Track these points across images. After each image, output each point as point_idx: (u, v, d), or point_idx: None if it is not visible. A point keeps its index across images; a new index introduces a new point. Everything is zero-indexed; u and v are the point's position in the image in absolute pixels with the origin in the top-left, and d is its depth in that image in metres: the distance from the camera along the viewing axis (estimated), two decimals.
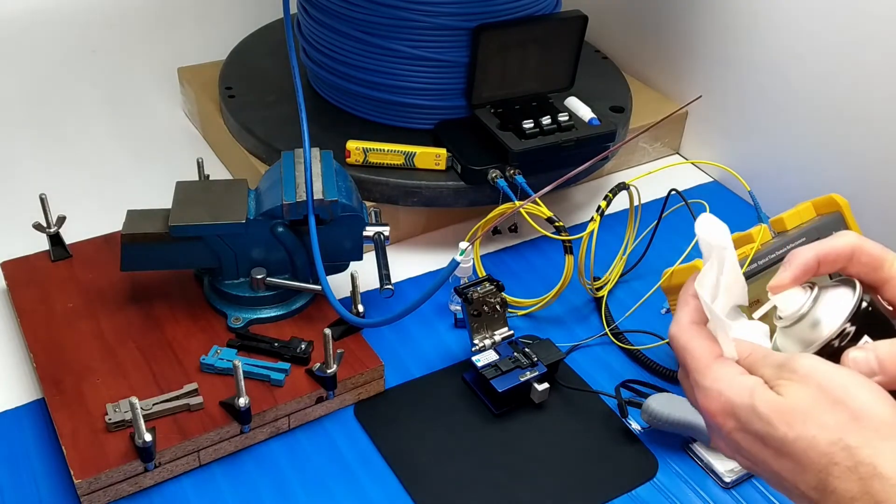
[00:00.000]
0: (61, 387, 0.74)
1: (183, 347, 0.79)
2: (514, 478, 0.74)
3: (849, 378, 0.45)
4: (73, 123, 1.18)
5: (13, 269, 0.86)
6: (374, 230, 0.82)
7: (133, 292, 0.84)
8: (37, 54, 1.27)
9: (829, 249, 0.49)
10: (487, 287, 0.81)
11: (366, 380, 0.79)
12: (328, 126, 1.00)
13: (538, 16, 0.97)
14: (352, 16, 0.94)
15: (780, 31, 1.01)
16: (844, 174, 0.98)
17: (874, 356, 0.46)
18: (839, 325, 0.47)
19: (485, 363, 0.79)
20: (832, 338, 0.47)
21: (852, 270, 0.50)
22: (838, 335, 0.47)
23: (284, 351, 0.78)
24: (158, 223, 0.78)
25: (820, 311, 0.48)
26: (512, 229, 1.00)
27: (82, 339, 0.79)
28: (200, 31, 1.32)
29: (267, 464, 0.74)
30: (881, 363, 0.45)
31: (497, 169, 0.92)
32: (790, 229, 0.80)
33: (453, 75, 0.96)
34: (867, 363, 0.46)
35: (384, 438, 0.77)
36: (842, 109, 0.97)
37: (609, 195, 0.86)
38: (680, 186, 0.92)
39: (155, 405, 0.72)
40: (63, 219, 0.87)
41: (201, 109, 1.15)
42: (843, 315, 0.47)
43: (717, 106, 1.12)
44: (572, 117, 0.96)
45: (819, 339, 0.48)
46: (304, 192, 0.78)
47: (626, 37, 1.23)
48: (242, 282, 0.82)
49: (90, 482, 0.67)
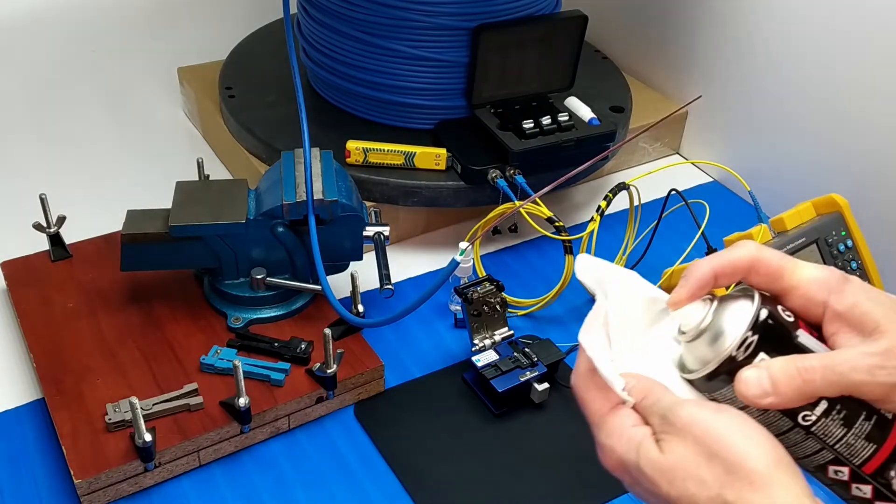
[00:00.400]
0: (61, 387, 0.74)
1: (183, 347, 0.79)
2: (514, 478, 0.74)
3: (727, 426, 0.44)
4: (73, 123, 1.18)
5: (13, 269, 0.86)
6: (374, 230, 0.82)
7: (133, 292, 0.84)
8: (37, 54, 1.27)
9: (727, 262, 0.48)
10: (487, 287, 0.81)
11: (366, 380, 0.79)
12: (328, 126, 1.00)
13: (538, 16, 0.97)
14: (352, 16, 0.94)
15: (781, 31, 1.01)
16: (844, 174, 0.98)
17: (767, 376, 0.44)
18: (739, 337, 0.45)
19: (485, 363, 0.79)
20: (733, 352, 0.46)
21: (753, 281, 0.48)
22: (739, 347, 0.45)
23: (284, 351, 0.78)
24: (158, 223, 0.78)
25: (720, 323, 0.47)
26: (512, 229, 1.00)
27: (82, 339, 0.79)
28: (200, 31, 1.32)
29: (267, 464, 0.74)
30: (774, 383, 0.44)
31: (497, 169, 0.92)
32: (790, 229, 0.80)
33: (453, 75, 0.96)
34: (759, 384, 0.44)
35: (384, 438, 0.77)
36: (842, 109, 0.97)
37: (609, 195, 0.86)
38: (680, 186, 0.92)
39: (155, 405, 0.72)
40: (63, 219, 0.87)
41: (201, 109, 1.15)
42: (742, 326, 0.46)
43: (717, 106, 1.12)
44: (572, 117, 0.96)
45: (720, 353, 0.46)
46: (304, 192, 0.78)
47: (626, 37, 1.23)
48: (242, 282, 0.82)
49: (90, 482, 0.67)
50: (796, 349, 0.46)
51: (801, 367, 0.44)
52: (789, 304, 0.48)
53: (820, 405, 0.45)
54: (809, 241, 0.79)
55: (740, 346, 0.45)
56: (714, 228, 0.86)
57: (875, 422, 0.45)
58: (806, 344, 0.46)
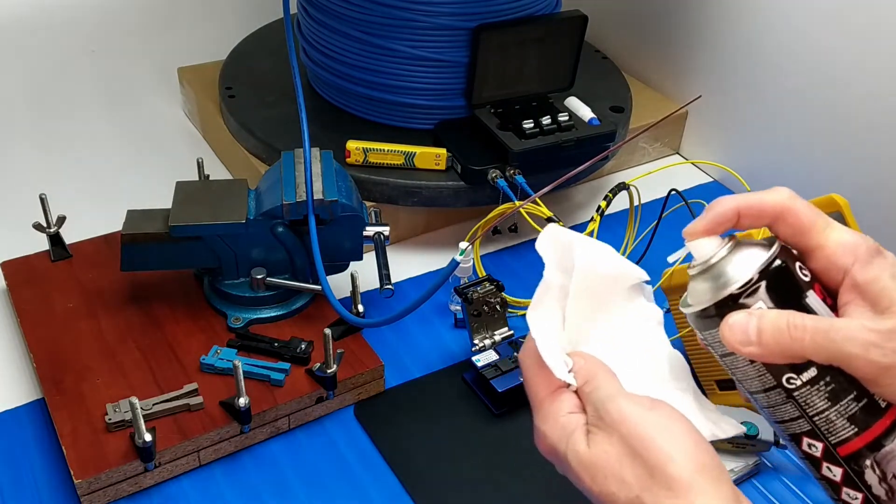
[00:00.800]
0: (61, 387, 0.74)
1: (183, 347, 0.79)
2: (514, 478, 0.74)
3: (654, 426, 0.43)
4: (73, 123, 1.18)
5: (13, 269, 0.86)
6: (374, 230, 0.82)
7: (133, 292, 0.84)
8: (37, 54, 1.27)
9: (754, 202, 0.46)
10: (487, 287, 0.81)
11: (366, 380, 0.79)
12: (328, 126, 1.00)
13: (538, 16, 0.97)
14: (352, 16, 0.94)
15: (781, 31, 1.01)
16: (844, 174, 0.98)
17: (754, 324, 0.43)
18: (745, 278, 0.44)
19: (485, 363, 0.79)
20: (734, 290, 0.44)
21: (779, 231, 0.46)
22: (742, 287, 0.44)
23: (284, 351, 0.78)
24: (158, 223, 0.78)
25: (730, 261, 0.45)
26: (512, 229, 1.00)
27: (82, 339, 0.79)
28: (200, 31, 1.32)
29: (267, 464, 0.74)
30: (760, 333, 0.43)
31: (497, 169, 0.92)
32: None
33: (453, 75, 0.96)
34: (744, 329, 0.43)
35: (384, 438, 0.77)
36: (842, 109, 0.97)
37: (609, 195, 0.86)
38: (680, 186, 0.92)
39: (155, 405, 0.72)
40: (63, 219, 0.87)
41: (201, 109, 1.15)
42: (752, 268, 0.44)
43: (717, 106, 1.12)
44: (572, 117, 0.96)
45: (720, 290, 0.44)
46: (304, 192, 0.78)
47: (626, 37, 1.23)
48: (242, 282, 0.82)
49: (90, 482, 0.67)
50: (802, 309, 0.44)
51: (792, 322, 0.43)
52: (812, 265, 0.45)
53: (809, 371, 0.43)
54: None
55: (743, 286, 0.44)
56: None
57: (864, 405, 0.43)
58: (813, 306, 0.44)
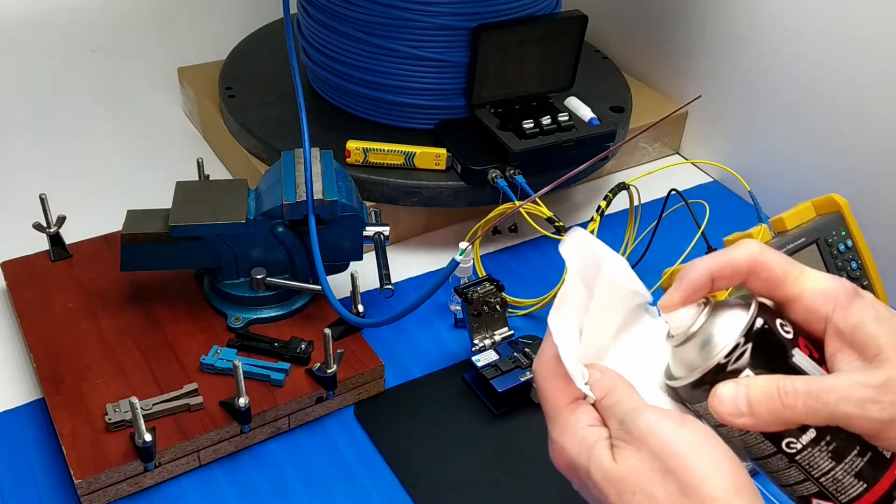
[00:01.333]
0: (61, 387, 0.74)
1: (183, 347, 0.79)
2: (514, 478, 0.74)
3: (687, 442, 0.41)
4: (73, 123, 1.18)
5: (13, 269, 0.86)
6: (374, 230, 0.82)
7: (133, 292, 0.84)
8: (37, 54, 1.27)
9: (725, 262, 0.44)
10: (487, 287, 0.81)
11: (366, 380, 0.79)
12: (328, 126, 1.00)
13: (538, 16, 0.97)
14: (352, 16, 0.94)
15: (781, 30, 1.01)
16: (844, 174, 0.98)
17: (744, 394, 0.41)
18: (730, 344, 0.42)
19: (485, 363, 0.79)
20: (721, 360, 0.42)
21: (753, 286, 0.44)
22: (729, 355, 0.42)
23: (284, 351, 0.78)
24: (158, 223, 0.78)
25: (711, 329, 0.43)
26: (512, 229, 1.00)
27: (82, 339, 0.79)
28: (200, 31, 1.32)
29: (267, 464, 0.74)
30: (751, 403, 0.41)
31: (497, 169, 0.92)
32: (790, 229, 0.80)
33: (453, 75, 0.96)
34: (733, 401, 0.41)
35: (384, 438, 0.77)
36: (842, 109, 0.97)
37: (609, 195, 0.86)
38: (680, 186, 0.92)
39: (155, 405, 0.72)
40: (63, 219, 0.87)
41: (201, 109, 1.15)
42: (734, 333, 0.42)
43: (717, 106, 1.12)
44: (572, 117, 0.96)
45: (707, 361, 0.43)
46: (304, 192, 0.78)
47: (626, 37, 1.23)
48: (242, 282, 0.82)
49: (90, 482, 0.67)
50: (790, 370, 0.42)
51: (782, 389, 0.41)
52: (791, 316, 0.44)
53: (808, 433, 0.42)
54: (809, 241, 0.79)
55: (730, 354, 0.42)
56: (714, 228, 0.86)
57: (869, 459, 0.42)
58: (801, 365, 0.42)
